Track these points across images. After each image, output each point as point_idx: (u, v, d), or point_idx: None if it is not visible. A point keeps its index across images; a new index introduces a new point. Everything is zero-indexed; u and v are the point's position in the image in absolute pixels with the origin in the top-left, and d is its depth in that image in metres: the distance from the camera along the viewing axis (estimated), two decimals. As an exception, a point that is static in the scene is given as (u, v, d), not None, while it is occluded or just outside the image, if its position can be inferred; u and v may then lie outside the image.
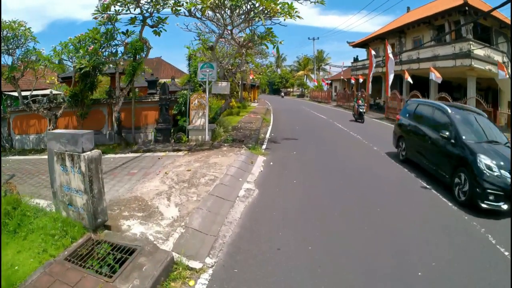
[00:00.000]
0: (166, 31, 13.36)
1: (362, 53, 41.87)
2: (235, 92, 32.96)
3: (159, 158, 11.51)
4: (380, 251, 5.17)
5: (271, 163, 10.50)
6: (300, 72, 79.31)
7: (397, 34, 33.46)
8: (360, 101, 22.64)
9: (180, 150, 12.52)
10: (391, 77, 25.52)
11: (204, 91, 14.31)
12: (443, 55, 25.01)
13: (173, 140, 14.19)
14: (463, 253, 5.17)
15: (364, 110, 22.26)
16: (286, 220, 6.29)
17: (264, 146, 13.39)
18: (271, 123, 21.81)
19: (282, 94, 71.29)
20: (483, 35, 25.20)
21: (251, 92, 47.99)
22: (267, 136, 16.21)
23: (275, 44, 12.32)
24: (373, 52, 30.14)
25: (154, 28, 13.25)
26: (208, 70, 13.24)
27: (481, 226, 6.12)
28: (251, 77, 34.61)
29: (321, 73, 76.52)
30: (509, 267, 4.59)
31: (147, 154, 12.49)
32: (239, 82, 33.30)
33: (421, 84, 25.20)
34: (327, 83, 53.63)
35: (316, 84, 62.63)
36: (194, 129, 13.81)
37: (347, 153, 12.38)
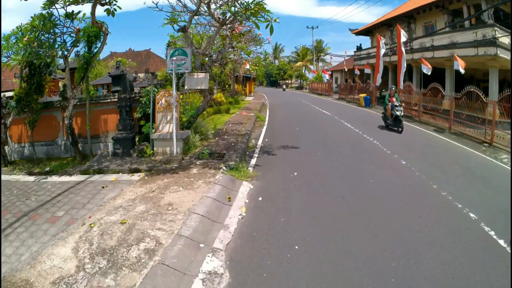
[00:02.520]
0: (120, 8, 9.84)
1: (365, 42, 38.09)
2: (227, 86, 29.11)
3: (103, 187, 8.00)
4: None
5: (260, 199, 6.74)
6: (299, 63, 74.93)
7: (406, 19, 29.50)
8: (394, 99, 15.26)
9: (138, 171, 8.97)
10: (403, 66, 21.57)
11: (181, 86, 10.68)
12: (462, 42, 21.09)
13: (135, 153, 10.49)
14: None
15: (402, 113, 14.77)
16: None
17: (252, 162, 9.64)
18: (266, 123, 17.93)
19: (284, 87, 67.15)
20: (503, 22, 21.39)
21: (247, 85, 44.02)
22: (259, 143, 12.42)
23: (268, 23, 8.44)
24: (381, 39, 26.18)
25: (107, 7, 9.84)
26: (175, 59, 9.56)
27: None
28: (247, 67, 30.65)
29: (320, 63, 72.08)
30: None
31: (94, 177, 9.01)
32: (231, 74, 29.32)
33: (434, 75, 21.30)
34: (329, 74, 49.47)
35: (315, 75, 58.40)
36: (160, 138, 10.07)
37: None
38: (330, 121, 18.58)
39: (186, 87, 10.72)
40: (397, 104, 14.90)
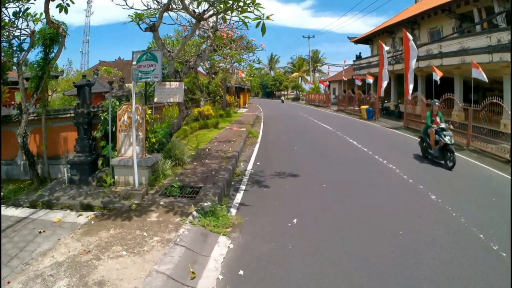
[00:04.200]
0: (74, 3, 7.81)
1: (364, 51, 36.25)
2: (217, 97, 26.89)
3: (40, 232, 6.01)
4: None
5: (241, 273, 4.38)
6: (295, 74, 73.00)
7: (409, 25, 27.59)
8: (438, 119, 10.85)
9: (90, 208, 6.88)
10: (411, 74, 19.42)
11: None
12: (474, 48, 19.09)
13: (95, 182, 8.28)
14: None
15: (452, 141, 10.07)
16: None
17: (237, 198, 7.33)
18: (259, 140, 15.61)
19: (282, 98, 63.89)
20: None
21: (240, 96, 41.78)
22: (249, 167, 10.14)
23: (259, 20, 6.24)
24: (384, 46, 24.20)
25: (58, 2, 7.92)
26: (136, 65, 7.44)
27: None
28: (242, 76, 28.40)
29: (317, 74, 70.24)
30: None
31: (40, 213, 7.08)
32: (223, 84, 27.08)
33: (439, 85, 19.23)
34: (326, 85, 47.40)
35: (312, 86, 56.36)
36: (121, 164, 7.82)
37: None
38: (333, 138, 16.28)
39: (156, 100, 8.51)
40: (445, 127, 10.35)
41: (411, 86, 18.98)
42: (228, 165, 9.24)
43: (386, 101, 28.44)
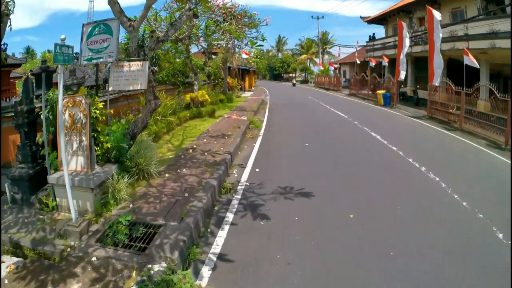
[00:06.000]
0: None
1: (377, 33, 33.07)
2: (219, 80, 24.08)
3: None
4: None
5: None
6: (303, 56, 69.07)
7: (428, 5, 24.37)
8: None
9: (20, 248, 4.66)
10: (437, 58, 16.50)
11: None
12: (505, 31, 16.10)
13: (37, 203, 5.89)
14: None
15: None
16: None
17: (216, 246, 4.70)
18: (262, 132, 12.87)
19: (294, 81, 58.41)
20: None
21: (246, 78, 38.68)
22: (244, 177, 7.56)
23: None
24: (404, 25, 21.20)
25: None
26: (99, 39, 5.12)
27: None
28: (248, 55, 25.46)
29: (326, 56, 66.41)
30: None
31: None
32: (224, 66, 24.18)
33: (459, 70, 16.40)
34: (336, 67, 44.11)
35: (322, 68, 52.68)
36: (60, 183, 5.36)
37: None
38: (351, 130, 13.52)
39: (111, 88, 6.01)
40: None
41: (439, 71, 16.09)
42: (213, 178, 6.64)
43: (402, 86, 25.57)
